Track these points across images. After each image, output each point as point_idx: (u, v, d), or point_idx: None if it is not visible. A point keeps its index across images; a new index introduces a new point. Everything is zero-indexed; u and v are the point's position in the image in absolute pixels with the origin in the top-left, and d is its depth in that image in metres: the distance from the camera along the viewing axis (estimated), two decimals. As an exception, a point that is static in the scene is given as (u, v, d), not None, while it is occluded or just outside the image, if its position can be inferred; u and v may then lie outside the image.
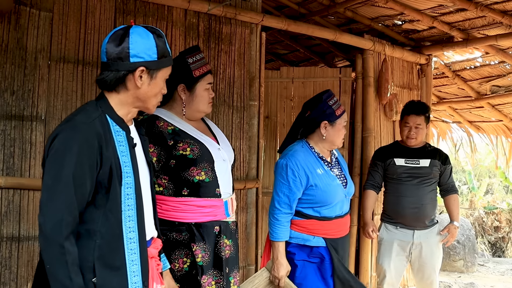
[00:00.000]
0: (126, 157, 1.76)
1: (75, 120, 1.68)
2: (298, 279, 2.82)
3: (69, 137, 1.64)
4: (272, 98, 5.06)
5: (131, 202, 1.75)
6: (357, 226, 4.89)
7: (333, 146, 2.97)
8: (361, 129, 4.87)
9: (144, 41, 1.74)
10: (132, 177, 1.76)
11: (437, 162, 3.89)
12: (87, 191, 1.65)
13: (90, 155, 1.64)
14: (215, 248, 2.49)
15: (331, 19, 5.32)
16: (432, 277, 3.93)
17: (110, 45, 1.73)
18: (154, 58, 1.76)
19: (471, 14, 4.52)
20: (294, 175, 2.78)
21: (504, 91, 5.91)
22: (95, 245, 1.67)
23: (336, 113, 2.89)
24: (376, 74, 4.89)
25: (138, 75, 1.75)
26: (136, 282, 1.74)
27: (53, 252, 1.58)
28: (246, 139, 3.86)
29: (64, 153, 1.62)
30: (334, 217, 2.87)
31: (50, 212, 1.59)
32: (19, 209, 2.96)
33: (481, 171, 12.63)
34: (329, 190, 2.83)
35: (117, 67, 1.73)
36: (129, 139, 1.81)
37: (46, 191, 1.61)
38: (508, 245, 10.20)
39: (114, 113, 1.78)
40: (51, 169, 1.63)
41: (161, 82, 1.83)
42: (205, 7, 3.63)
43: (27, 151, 3.00)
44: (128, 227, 1.74)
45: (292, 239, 2.83)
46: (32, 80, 3.02)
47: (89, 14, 3.24)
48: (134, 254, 1.74)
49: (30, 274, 2.98)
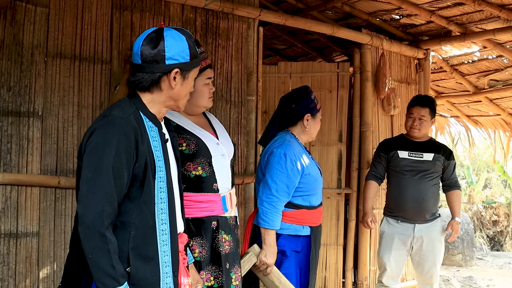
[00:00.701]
0: (159, 152, 1.82)
1: (112, 116, 1.73)
2: (286, 269, 2.90)
3: (108, 131, 1.69)
4: (270, 93, 5.05)
5: (164, 195, 1.81)
6: (355, 220, 4.90)
7: (311, 138, 3.16)
8: (359, 123, 4.87)
9: (178, 43, 1.80)
10: (164, 171, 1.82)
11: (441, 157, 3.90)
12: (124, 183, 1.70)
13: (127, 149, 1.70)
14: (212, 243, 2.48)
15: (329, 13, 5.31)
16: (432, 271, 3.94)
17: (145, 48, 1.78)
18: (187, 59, 1.82)
19: (469, 8, 4.52)
20: (292, 164, 2.85)
21: (502, 85, 5.91)
22: (130, 236, 1.72)
23: (317, 107, 3.08)
24: (374, 69, 4.88)
25: (173, 77, 1.81)
26: (167, 272, 1.80)
27: (96, 241, 1.62)
28: (244, 134, 3.86)
29: (103, 147, 1.67)
30: (317, 206, 3.02)
31: (91, 204, 1.64)
32: (17, 206, 2.96)
33: (479, 166, 12.64)
34: (318, 178, 3.01)
35: (153, 69, 1.78)
36: (161, 135, 1.87)
37: (86, 183, 1.66)
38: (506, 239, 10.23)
39: (147, 110, 1.84)
40: (90, 163, 1.68)
41: (192, 82, 1.90)
42: (202, 2, 3.62)
43: (24, 147, 2.99)
44: (160, 219, 1.80)
45: (283, 230, 2.90)
46: (28, 76, 3.02)
47: (86, 9, 3.23)
48: (166, 245, 1.80)
49: (29, 270, 2.98)
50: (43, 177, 3.03)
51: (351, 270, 5.00)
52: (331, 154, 4.99)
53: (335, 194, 4.97)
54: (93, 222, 1.62)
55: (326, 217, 4.95)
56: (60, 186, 3.07)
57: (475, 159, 12.14)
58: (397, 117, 5.10)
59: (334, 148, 4.99)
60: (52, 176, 3.07)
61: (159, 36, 1.79)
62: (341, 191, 4.95)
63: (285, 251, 2.91)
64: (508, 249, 10.06)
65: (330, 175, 4.97)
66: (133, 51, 1.82)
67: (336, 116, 4.99)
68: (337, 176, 4.97)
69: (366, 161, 4.79)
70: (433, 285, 3.98)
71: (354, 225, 4.93)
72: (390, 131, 5.08)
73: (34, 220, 3.01)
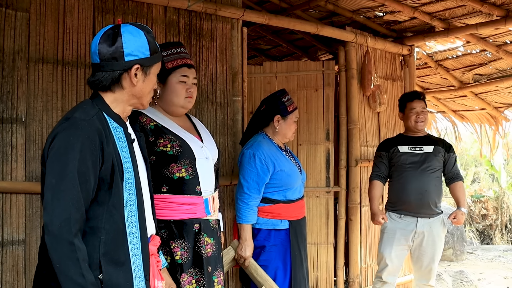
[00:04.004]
0: (126, 153, 1.78)
1: (75, 118, 1.68)
2: (263, 261, 3.09)
3: (70, 135, 1.64)
4: (256, 93, 5.04)
5: (132, 198, 1.77)
6: (345, 218, 4.90)
7: (285, 138, 3.28)
8: (346, 121, 4.88)
9: (136, 39, 1.76)
10: (132, 172, 1.78)
11: (441, 149, 3.95)
12: (91, 188, 1.65)
13: (92, 152, 1.65)
14: (195, 246, 2.46)
15: (313, 12, 5.31)
16: (430, 267, 3.95)
17: (102, 46, 1.74)
18: (147, 54, 1.78)
19: (451, 4, 4.54)
20: (261, 163, 3.06)
21: (486, 79, 5.96)
22: (100, 242, 1.67)
23: (288, 109, 3.21)
24: (359, 66, 4.89)
25: (134, 73, 1.77)
26: (140, 276, 1.77)
27: (63, 250, 1.57)
28: (230, 135, 3.84)
29: (66, 151, 1.62)
30: (296, 200, 3.21)
31: (57, 211, 1.58)
32: (2, 213, 2.91)
33: (467, 160, 12.73)
34: (292, 174, 3.16)
35: (112, 67, 1.74)
36: (127, 135, 1.83)
37: (51, 190, 1.60)
38: (495, 232, 10.32)
39: (110, 110, 1.79)
40: (54, 168, 1.62)
41: (154, 78, 1.86)
42: (185, 4, 3.60)
43: (8, 154, 2.95)
44: (130, 222, 1.75)
45: (261, 225, 3.11)
46: (10, 82, 2.97)
47: (67, 13, 3.19)
48: (136, 249, 1.76)
49: (15, 279, 2.94)
50: (28, 184, 2.99)
51: (342, 268, 5.00)
52: (319, 152, 4.99)
53: (324, 192, 4.97)
54: (59, 230, 1.56)
55: (315, 216, 4.95)
56: (45, 192, 3.03)
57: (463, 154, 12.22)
58: (383, 114, 5.12)
59: (322, 146, 4.99)
60: (37, 182, 3.02)
61: (116, 32, 1.75)
62: (330, 189, 4.95)
63: (265, 246, 3.09)
64: (498, 243, 10.14)
65: (318, 173, 4.97)
66: (91, 50, 1.78)
67: (322, 114, 4.99)
68: (325, 175, 4.97)
69: (354, 158, 4.80)
70: (429, 280, 3.99)
71: (344, 223, 4.92)
72: (377, 128, 5.09)
73: (20, 227, 2.97)
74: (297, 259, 3.13)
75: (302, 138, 5.03)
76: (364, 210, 4.83)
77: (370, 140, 4.98)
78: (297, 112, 3.29)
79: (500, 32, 4.94)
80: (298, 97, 4.99)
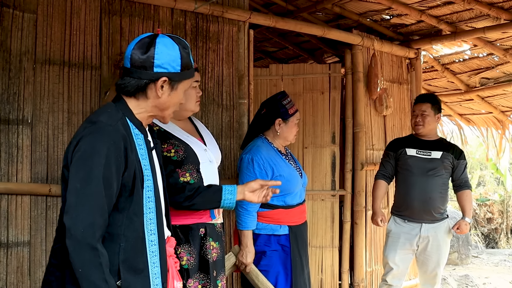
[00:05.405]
0: (146, 160, 1.77)
1: (101, 122, 1.67)
2: (264, 267, 3.04)
3: (96, 139, 1.63)
4: (261, 95, 5.02)
5: (152, 205, 1.76)
6: (350, 222, 4.88)
7: (287, 141, 3.23)
8: (352, 124, 4.86)
9: (169, 52, 1.74)
10: (151, 180, 1.78)
11: (450, 156, 3.88)
12: (114, 193, 1.64)
13: (117, 157, 1.64)
14: (200, 250, 2.46)
15: (319, 15, 5.30)
16: (436, 271, 3.93)
17: (135, 52, 1.73)
18: (177, 70, 1.76)
19: (459, 7, 4.52)
20: (260, 168, 3.01)
21: (493, 83, 5.92)
22: (120, 249, 1.67)
23: (289, 111, 3.15)
24: (366, 69, 4.87)
25: (160, 85, 1.75)
26: (158, 284, 1.75)
27: (86, 255, 1.56)
28: (236, 137, 3.83)
29: (92, 155, 1.61)
30: (296, 205, 3.14)
31: (81, 215, 1.57)
32: (7, 215, 2.92)
33: (473, 164, 12.68)
34: (292, 179, 3.10)
35: (140, 75, 1.73)
36: (147, 142, 1.82)
37: (75, 194, 1.59)
38: (501, 236, 10.27)
39: (133, 116, 1.78)
40: (78, 172, 1.61)
41: (181, 93, 1.84)
42: (192, 6, 3.60)
43: (14, 156, 2.95)
44: (149, 230, 1.75)
45: (261, 230, 3.06)
46: (17, 83, 2.98)
47: (74, 15, 3.20)
48: (155, 256, 1.76)
49: (20, 280, 2.94)
50: (33, 185, 2.99)
51: (347, 272, 4.98)
52: (324, 156, 4.97)
53: (330, 196, 4.95)
54: (83, 235, 1.55)
55: (320, 219, 4.94)
56: (51, 194, 3.03)
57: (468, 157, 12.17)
58: (389, 117, 5.09)
59: (328, 149, 4.98)
60: (42, 184, 3.03)
61: (151, 42, 1.74)
62: (335, 192, 4.93)
63: (265, 251, 3.05)
64: (503, 246, 10.09)
65: (324, 177, 4.95)
66: (125, 54, 1.77)
67: (328, 117, 4.98)
68: (331, 178, 4.95)
69: (360, 162, 4.78)
70: (435, 285, 3.97)
71: (349, 227, 4.91)
72: (383, 131, 5.07)
73: (25, 229, 2.97)
74: (298, 264, 3.10)
75: (307, 141, 5.01)
76: (369, 213, 4.80)
77: (376, 143, 4.96)
78: (298, 114, 3.24)
79: (507, 36, 4.91)
80: (304, 99, 4.98)
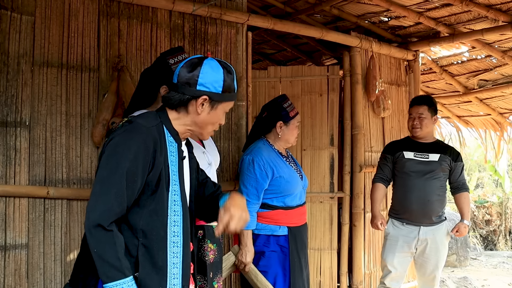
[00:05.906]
0: (175, 167, 1.88)
1: (137, 123, 1.81)
2: (263, 267, 3.08)
3: (129, 136, 1.76)
4: (260, 98, 5.03)
5: (178, 209, 1.86)
6: (349, 224, 4.88)
7: (288, 144, 3.27)
8: (350, 126, 4.86)
9: (213, 73, 1.86)
10: (178, 185, 1.88)
11: (447, 158, 3.87)
12: (137, 188, 1.75)
13: (145, 156, 1.76)
14: (198, 252, 2.46)
15: (318, 17, 5.31)
16: (434, 273, 3.92)
17: (183, 70, 1.87)
18: (218, 90, 1.88)
19: (457, 9, 4.53)
20: (260, 169, 3.06)
21: (491, 85, 5.93)
22: (139, 243, 1.77)
23: (290, 114, 3.21)
24: (364, 71, 4.88)
25: (200, 103, 1.87)
26: (176, 284, 1.83)
27: (101, 234, 1.66)
28: (234, 139, 3.83)
29: (123, 150, 1.74)
30: (296, 206, 3.19)
31: (101, 200, 1.69)
32: (5, 217, 2.91)
33: (471, 166, 12.69)
34: (292, 180, 3.15)
35: (184, 90, 1.86)
36: (180, 151, 1.93)
37: (100, 182, 1.72)
38: (499, 238, 10.26)
39: (171, 125, 1.90)
40: (108, 163, 1.74)
41: (220, 114, 1.95)
42: (190, 8, 3.60)
43: (11, 158, 2.94)
44: (173, 231, 1.84)
45: (260, 231, 3.10)
46: (15, 85, 2.97)
47: (72, 17, 3.19)
48: (176, 257, 1.84)
49: (18, 283, 2.93)
50: (31, 187, 2.99)
51: (345, 275, 4.97)
52: (323, 158, 4.97)
53: (328, 198, 4.94)
54: (99, 217, 1.66)
55: (319, 221, 4.93)
56: (49, 196, 3.02)
57: (467, 159, 12.18)
58: (388, 119, 5.10)
59: (326, 152, 4.97)
60: (40, 186, 3.02)
61: (199, 62, 1.87)
62: (334, 195, 4.92)
63: (264, 251, 3.09)
64: (502, 248, 10.09)
65: (322, 179, 4.95)
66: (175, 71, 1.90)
67: (327, 119, 4.98)
68: (329, 180, 4.95)
69: (358, 164, 4.78)
70: (433, 287, 3.96)
71: (347, 229, 4.90)
72: (381, 133, 5.07)
73: (23, 231, 2.96)
74: (296, 266, 3.12)
75: (306, 143, 5.01)
76: (368, 216, 4.80)
77: (374, 145, 4.96)
78: (298, 117, 3.29)
79: (505, 37, 4.91)
80: (302, 102, 4.97)
